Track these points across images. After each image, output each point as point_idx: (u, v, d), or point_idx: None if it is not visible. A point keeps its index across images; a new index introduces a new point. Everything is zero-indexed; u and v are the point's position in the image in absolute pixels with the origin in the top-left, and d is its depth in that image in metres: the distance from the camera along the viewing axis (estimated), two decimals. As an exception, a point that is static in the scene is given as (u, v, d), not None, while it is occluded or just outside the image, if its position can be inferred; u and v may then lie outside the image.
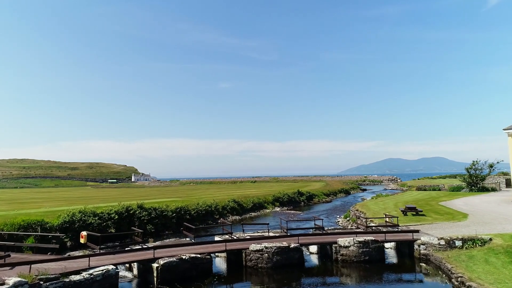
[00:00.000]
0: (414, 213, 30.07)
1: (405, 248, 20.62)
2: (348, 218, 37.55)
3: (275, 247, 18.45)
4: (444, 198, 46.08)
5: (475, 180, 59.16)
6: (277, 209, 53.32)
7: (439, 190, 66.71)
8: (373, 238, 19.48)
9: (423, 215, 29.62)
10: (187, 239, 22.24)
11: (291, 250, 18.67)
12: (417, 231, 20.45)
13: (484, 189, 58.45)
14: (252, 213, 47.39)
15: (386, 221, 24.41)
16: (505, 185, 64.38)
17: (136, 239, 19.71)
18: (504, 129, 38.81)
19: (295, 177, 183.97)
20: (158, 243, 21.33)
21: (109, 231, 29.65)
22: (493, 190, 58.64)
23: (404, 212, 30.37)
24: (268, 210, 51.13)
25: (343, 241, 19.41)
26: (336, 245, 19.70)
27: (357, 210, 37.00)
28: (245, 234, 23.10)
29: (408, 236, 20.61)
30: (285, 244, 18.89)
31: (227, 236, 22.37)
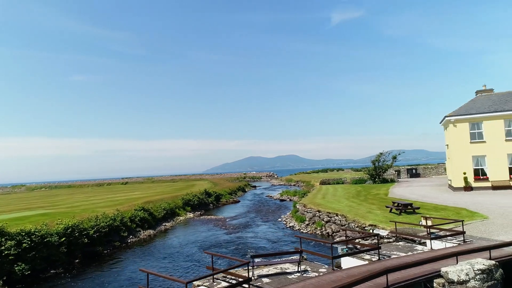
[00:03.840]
0: (411, 210, 24.23)
1: (509, 269, 13.51)
2: (306, 223, 29.79)
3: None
4: (375, 190, 43.04)
5: (378, 172, 59.58)
6: (190, 214, 42.21)
7: (343, 183, 65.85)
8: (494, 262, 11.87)
9: (420, 213, 23.96)
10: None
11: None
12: (522, 242, 13.70)
13: (385, 181, 59.22)
14: (166, 224, 35.31)
15: (426, 225, 17.26)
16: (397, 176, 67.38)
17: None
18: (446, 116, 37.21)
19: (172, 177, 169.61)
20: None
21: None
22: (392, 181, 59.86)
23: (399, 210, 24.20)
24: (181, 218, 39.60)
25: (454, 271, 11.19)
26: (441, 280, 11.35)
27: (318, 211, 29.53)
28: (259, 271, 12.57)
29: (506, 250, 13.77)
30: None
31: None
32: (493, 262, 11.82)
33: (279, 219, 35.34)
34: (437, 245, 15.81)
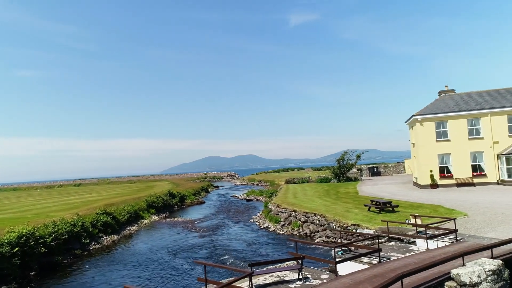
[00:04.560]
0: (390, 209, 23.99)
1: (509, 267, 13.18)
2: (282, 223, 28.83)
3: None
4: (343, 189, 43.18)
5: (343, 171, 60.06)
6: (155, 217, 39.86)
7: (308, 182, 65.96)
8: (501, 262, 11.45)
9: (398, 211, 23.81)
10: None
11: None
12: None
13: (349, 179, 59.85)
14: (131, 228, 32.89)
15: (415, 223, 16.88)
16: (360, 175, 68.62)
17: None
18: (414, 115, 37.95)
19: (129, 177, 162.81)
20: None
21: None
22: (356, 179, 60.63)
23: (379, 209, 23.88)
24: (146, 221, 37.21)
25: (466, 273, 10.58)
26: (452, 283, 10.69)
27: (294, 211, 28.68)
28: (254, 280, 11.24)
29: (502, 248, 13.51)
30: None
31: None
32: (501, 261, 11.42)
33: (251, 220, 34.16)
34: (430, 244, 15.36)
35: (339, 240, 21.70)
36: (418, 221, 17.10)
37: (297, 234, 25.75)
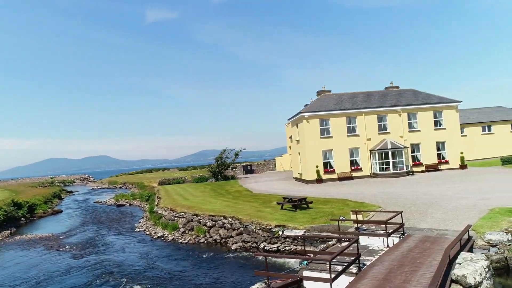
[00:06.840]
0: (305, 206, 22.71)
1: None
2: (182, 230, 24.69)
3: None
4: (229, 187, 41.44)
5: (221, 169, 58.59)
6: (-3, 236, 29.98)
7: (184, 182, 62.09)
8: (484, 255, 10.67)
9: (313, 207, 22.79)
10: None
11: None
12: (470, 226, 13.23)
13: (227, 178, 58.68)
14: (-38, 255, 23.41)
15: (357, 219, 15.59)
16: (236, 173, 68.33)
17: None
18: (301, 112, 38.62)
19: None
20: None
21: None
22: (233, 178, 59.91)
23: (295, 206, 22.30)
24: (-16, 242, 27.47)
25: (471, 274, 9.31)
26: (458, 287, 9.30)
27: (196, 215, 24.87)
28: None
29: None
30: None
31: None
32: (484, 255, 10.76)
33: (136, 229, 28.78)
34: (377, 241, 14.29)
35: (261, 245, 19.29)
36: (360, 217, 16.07)
37: (205, 242, 22.24)
